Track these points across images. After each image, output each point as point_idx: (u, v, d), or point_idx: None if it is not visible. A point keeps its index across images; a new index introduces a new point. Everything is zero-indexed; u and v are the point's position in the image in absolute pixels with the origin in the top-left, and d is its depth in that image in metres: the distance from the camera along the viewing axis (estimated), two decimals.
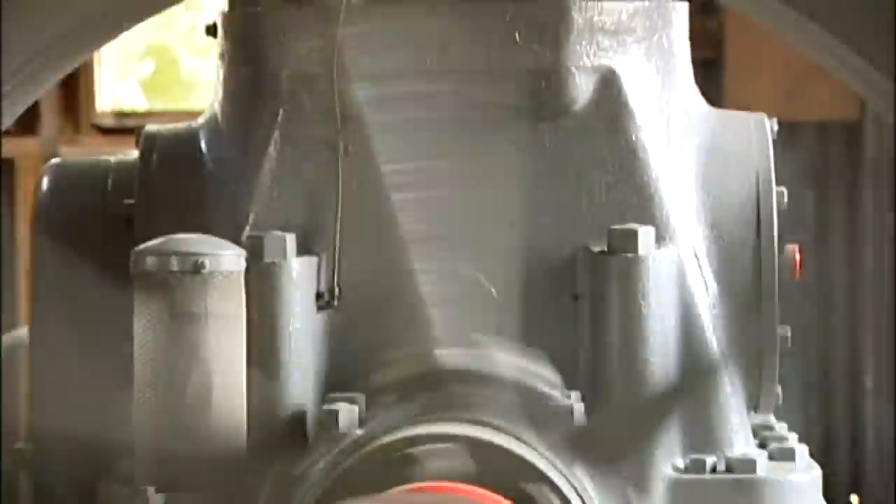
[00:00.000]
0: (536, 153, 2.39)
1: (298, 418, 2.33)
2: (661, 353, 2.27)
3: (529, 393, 2.31)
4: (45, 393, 2.66)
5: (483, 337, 2.43)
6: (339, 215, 2.38)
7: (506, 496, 2.16)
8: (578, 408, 2.27)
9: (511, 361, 2.35)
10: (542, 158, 2.39)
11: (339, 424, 2.19)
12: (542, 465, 2.22)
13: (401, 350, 2.35)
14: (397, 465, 2.20)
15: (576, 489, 2.25)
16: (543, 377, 2.38)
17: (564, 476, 2.24)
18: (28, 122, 4.24)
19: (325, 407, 2.25)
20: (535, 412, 2.33)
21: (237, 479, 2.34)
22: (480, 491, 2.17)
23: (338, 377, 2.36)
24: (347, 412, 2.19)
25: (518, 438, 2.26)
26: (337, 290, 2.35)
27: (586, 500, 2.23)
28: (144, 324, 2.24)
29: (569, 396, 2.32)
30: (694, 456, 2.27)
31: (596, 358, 2.35)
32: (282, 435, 2.31)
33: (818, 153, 4.45)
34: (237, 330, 2.20)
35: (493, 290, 2.40)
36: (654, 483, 2.24)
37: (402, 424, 2.25)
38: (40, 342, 2.56)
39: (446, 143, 2.45)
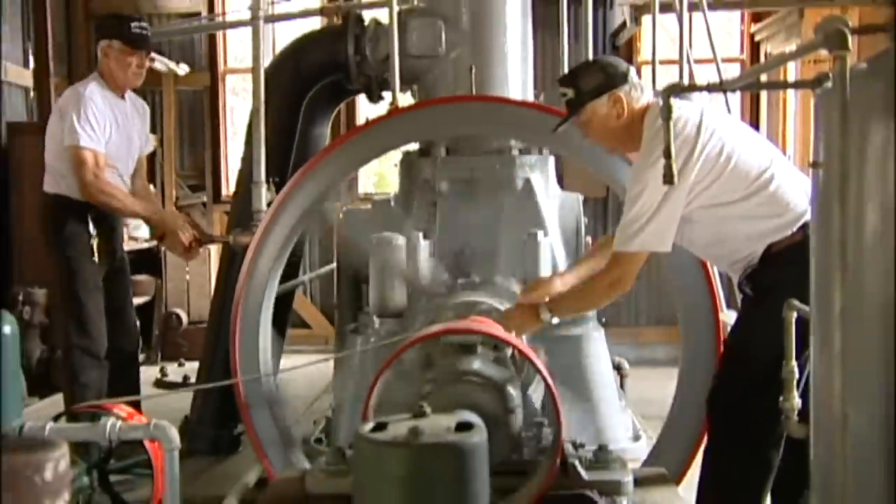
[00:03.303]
0: (505, 204, 3.63)
1: (423, 288, 3.40)
2: (546, 270, 3.34)
3: (510, 292, 3.21)
4: (340, 282, 3.96)
5: (493, 271, 3.35)
6: (437, 227, 3.51)
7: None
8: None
9: (504, 279, 3.34)
10: (507, 206, 3.61)
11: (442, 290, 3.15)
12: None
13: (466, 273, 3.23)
14: (463, 310, 3.17)
15: None
16: (513, 288, 3.25)
17: None
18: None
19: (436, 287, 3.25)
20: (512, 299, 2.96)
21: (405, 312, 3.38)
22: (495, 324, 2.82)
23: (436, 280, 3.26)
24: (443, 286, 3.31)
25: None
26: (436, 252, 3.38)
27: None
28: (373, 260, 3.51)
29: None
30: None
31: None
32: (418, 294, 3.40)
33: (594, 209, 6.28)
34: (401, 260, 3.42)
35: (484, 252, 3.37)
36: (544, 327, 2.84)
37: (465, 296, 3.14)
38: (342, 271, 4.00)
39: (474, 201, 3.60)
